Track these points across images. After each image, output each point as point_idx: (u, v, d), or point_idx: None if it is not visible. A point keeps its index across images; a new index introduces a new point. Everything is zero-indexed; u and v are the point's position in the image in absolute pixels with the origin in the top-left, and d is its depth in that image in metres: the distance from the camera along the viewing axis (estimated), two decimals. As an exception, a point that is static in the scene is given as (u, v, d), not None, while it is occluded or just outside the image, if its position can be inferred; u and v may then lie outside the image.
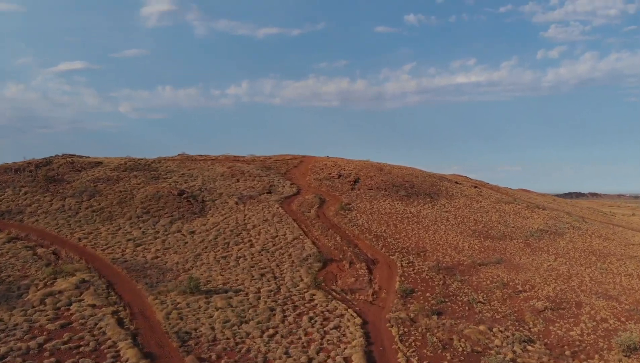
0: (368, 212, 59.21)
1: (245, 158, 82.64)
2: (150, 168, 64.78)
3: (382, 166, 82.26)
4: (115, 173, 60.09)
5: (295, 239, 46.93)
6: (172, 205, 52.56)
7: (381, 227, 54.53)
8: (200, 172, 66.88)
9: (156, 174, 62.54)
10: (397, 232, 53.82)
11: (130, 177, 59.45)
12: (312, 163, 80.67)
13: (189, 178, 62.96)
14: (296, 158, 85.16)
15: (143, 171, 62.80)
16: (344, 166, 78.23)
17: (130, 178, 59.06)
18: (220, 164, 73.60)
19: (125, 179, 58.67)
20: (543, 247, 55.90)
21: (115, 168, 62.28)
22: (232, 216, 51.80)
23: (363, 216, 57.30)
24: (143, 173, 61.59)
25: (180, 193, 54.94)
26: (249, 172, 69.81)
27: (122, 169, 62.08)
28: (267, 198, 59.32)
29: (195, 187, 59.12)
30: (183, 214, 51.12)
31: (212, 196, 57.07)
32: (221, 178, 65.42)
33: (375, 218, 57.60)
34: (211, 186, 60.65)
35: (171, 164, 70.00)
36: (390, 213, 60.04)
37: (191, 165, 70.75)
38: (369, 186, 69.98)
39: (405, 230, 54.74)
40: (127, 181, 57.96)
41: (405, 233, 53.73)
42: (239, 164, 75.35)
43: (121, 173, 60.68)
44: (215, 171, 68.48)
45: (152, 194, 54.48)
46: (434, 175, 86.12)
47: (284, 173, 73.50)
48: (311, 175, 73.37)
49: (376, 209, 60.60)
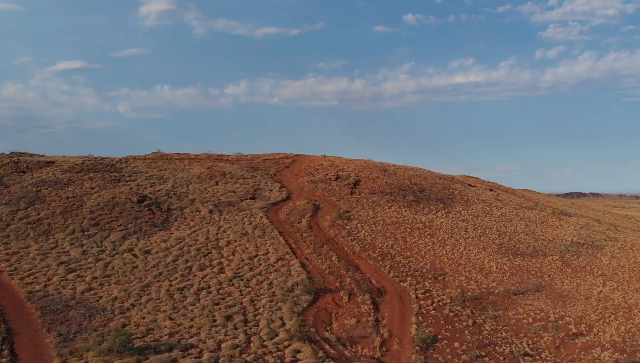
0: (371, 222, 49.15)
1: (230, 156, 72.45)
2: (112, 169, 54.62)
3: (385, 166, 72.14)
4: (67, 175, 49.93)
5: (279, 260, 36.86)
6: (128, 215, 42.43)
7: (387, 241, 44.45)
8: (173, 173, 56.75)
9: (118, 176, 52.38)
10: (407, 248, 43.76)
11: (85, 180, 49.29)
12: (306, 163, 70.56)
13: (158, 181, 52.85)
14: (288, 156, 75.02)
15: (102, 172, 52.64)
16: (342, 167, 68.13)
17: (84, 181, 48.90)
18: (199, 164, 63.46)
19: (77, 182, 48.50)
20: (584, 266, 45.86)
21: (68, 168, 52.13)
22: (202, 230, 41.68)
23: (365, 227, 47.25)
24: (101, 175, 51.44)
25: (141, 200, 44.80)
26: (232, 173, 59.70)
27: (76, 170, 51.92)
28: (249, 205, 49.23)
29: (162, 192, 48.98)
30: (141, 226, 40.99)
31: (181, 203, 46.94)
32: (197, 180, 55.29)
33: (380, 229, 47.52)
34: (182, 191, 50.53)
35: (140, 164, 59.84)
36: (398, 223, 49.97)
37: (164, 165, 60.61)
38: (371, 189, 59.89)
39: (417, 245, 44.67)
40: (79, 185, 47.80)
41: (418, 249, 43.67)
42: (221, 164, 65.22)
43: (74, 174, 50.52)
44: (190, 172, 58.34)
45: (107, 201, 44.34)
46: (444, 176, 76.02)
47: (273, 174, 63.39)
48: (304, 177, 63.28)
49: (380, 219, 50.53)
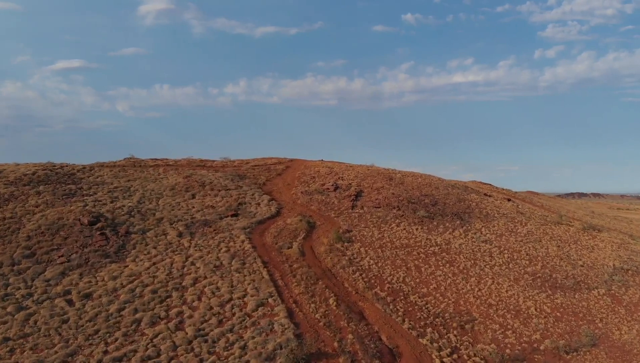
0: (376, 245, 40.70)
1: (215, 162, 63.96)
2: (69, 180, 46.10)
3: (391, 173, 63.63)
4: (10, 189, 41.40)
5: (260, 306, 28.37)
6: (74, 242, 33.96)
7: (398, 273, 36.02)
8: (143, 184, 48.25)
9: (73, 189, 43.86)
10: (422, 282, 35.30)
11: (30, 195, 40.77)
12: (301, 169, 62.08)
13: (122, 195, 44.34)
14: (281, 161, 66.55)
15: (55, 184, 44.11)
16: (341, 174, 59.65)
17: (29, 197, 40.39)
18: (176, 172, 54.97)
19: (20, 198, 39.99)
20: (638, 302, 37.42)
21: (15, 180, 43.60)
22: (165, 261, 33.18)
23: (370, 253, 38.80)
24: (53, 188, 42.91)
25: (94, 221, 36.29)
26: (213, 183, 51.22)
27: (24, 182, 43.40)
28: (230, 225, 40.76)
29: (124, 209, 40.46)
30: (87, 257, 32.52)
31: (144, 224, 38.44)
32: (170, 192, 46.80)
33: (388, 255, 39.06)
34: (149, 207, 42.03)
35: (107, 173, 51.35)
36: (409, 246, 41.50)
37: (134, 174, 52.11)
38: (375, 202, 51.41)
39: (434, 277, 36.22)
40: (21, 202, 39.30)
41: (436, 284, 35.22)
42: (202, 171, 56.75)
43: (20, 187, 42.00)
44: (164, 182, 49.83)
45: (50, 223, 35.87)
46: (457, 185, 67.48)
47: (262, 184, 54.90)
48: (299, 186, 54.80)
49: (388, 240, 42.06)
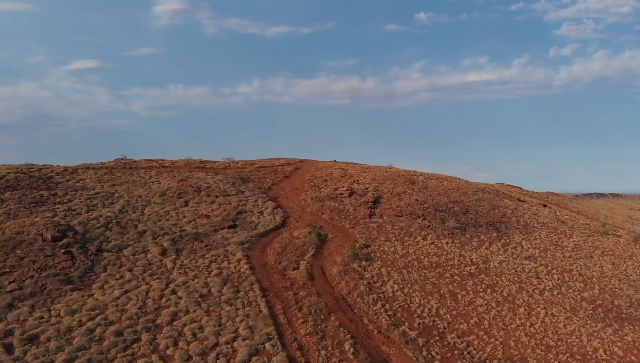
0: (401, 264, 33.89)
1: (216, 164, 57.55)
2: (44, 185, 39.94)
3: (412, 175, 56.64)
4: (-31, 195, 35.35)
5: (253, 355, 21.72)
6: (32, 263, 27.63)
7: (430, 302, 29.17)
8: (129, 190, 41.94)
9: (46, 195, 37.66)
10: (460, 314, 28.39)
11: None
12: (311, 172, 55.44)
13: (103, 202, 38.05)
14: (290, 163, 59.96)
15: (25, 189, 37.96)
16: (357, 177, 52.89)
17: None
18: (171, 175, 48.62)
19: (-22, 206, 33.87)
20: None
21: (-22, 184, 37.55)
22: (141, 287, 26.67)
23: (393, 275, 32.02)
24: (21, 194, 36.74)
25: (59, 236, 29.92)
26: (210, 188, 44.77)
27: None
28: (225, 239, 34.25)
29: (101, 220, 34.10)
30: (44, 284, 26.16)
31: (122, 239, 32.02)
32: (159, 199, 40.42)
33: (416, 277, 32.23)
34: (132, 217, 35.64)
35: (91, 176, 45.16)
36: (440, 265, 34.61)
37: (122, 177, 45.87)
38: (396, 210, 44.54)
39: (475, 308, 29.28)
40: (-22, 211, 33.18)
41: (478, 318, 28.28)
42: (200, 174, 50.35)
43: (-20, 194, 35.93)
44: (154, 187, 43.49)
45: (7, 239, 29.58)
46: (486, 189, 60.21)
47: (267, 188, 48.34)
48: (309, 191, 48.15)
49: (414, 258, 35.22)
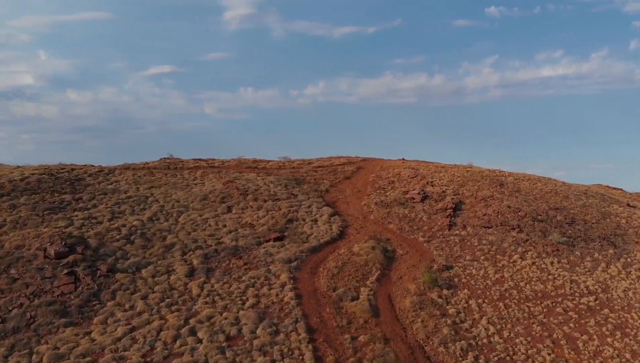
0: (495, 294, 25.78)
1: (269, 163, 51.43)
2: (68, 188, 35.22)
3: (499, 176, 47.62)
4: (-17, 200, 31.00)
5: None
6: (25, 287, 22.27)
7: (541, 354, 21.01)
8: (167, 193, 36.50)
9: (67, 199, 32.79)
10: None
11: (2, 208, 30.01)
12: (376, 171, 48.01)
13: (132, 208, 32.71)
14: (352, 161, 52.82)
15: (45, 193, 33.29)
16: (430, 177, 44.81)
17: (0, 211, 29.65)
18: (217, 176, 42.92)
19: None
20: None
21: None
22: (152, 324, 20.47)
23: (486, 310, 24.06)
24: (40, 199, 32.03)
25: (64, 253, 24.48)
26: (259, 190, 38.52)
27: (5, 190, 32.90)
28: (269, 255, 27.65)
29: (122, 231, 28.55)
30: (34, 315, 20.60)
31: (144, 255, 26.20)
32: (199, 204, 34.61)
33: (518, 315, 24.04)
34: (162, 227, 29.89)
35: (128, 177, 40.31)
36: (547, 295, 26.13)
37: (162, 179, 40.68)
38: (483, 219, 36.17)
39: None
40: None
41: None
42: (250, 175, 44.32)
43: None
44: (196, 190, 37.83)
45: (4, 254, 24.54)
46: (588, 191, 49.89)
47: (324, 191, 41.48)
48: (372, 195, 40.81)
49: (512, 285, 26.94)
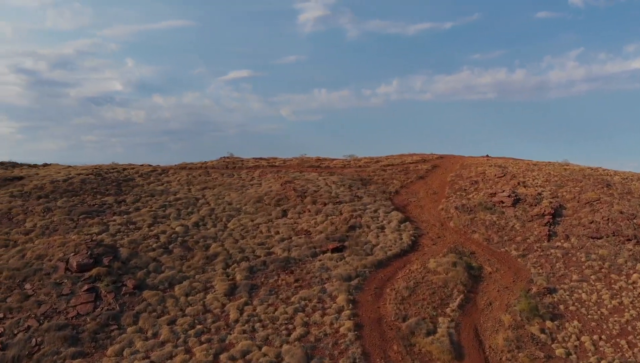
0: (614, 329, 19.64)
1: (334, 162, 46.96)
2: (112, 189, 32.76)
3: (602, 175, 40.03)
4: (16, 202, 28.92)
5: None
6: (38, 305, 19.26)
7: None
8: (219, 195, 33.12)
9: (109, 202, 30.14)
10: None
11: (36, 212, 27.72)
12: (455, 170, 42.14)
13: (179, 211, 29.51)
14: (426, 159, 47.18)
15: (86, 195, 30.90)
16: (522, 176, 38.28)
17: (33, 214, 27.39)
18: (276, 176, 39.12)
19: (19, 217, 27.11)
20: None
21: (32, 189, 31.27)
22: (174, 359, 16.58)
23: (606, 353, 18.07)
24: (79, 201, 29.60)
25: (86, 265, 21.30)
26: (319, 192, 34.16)
27: (44, 191, 30.85)
28: (325, 269, 23.13)
29: (162, 238, 25.17)
30: (40, 341, 17.39)
31: (180, 268, 22.54)
32: (252, 207, 30.81)
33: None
34: (207, 233, 26.26)
35: (182, 177, 37.51)
36: (690, 332, 19.50)
37: (217, 179, 37.51)
38: (590, 227, 29.46)
39: None
40: (16, 224, 26.33)
41: None
42: (312, 175, 40.12)
43: (31, 200, 29.40)
44: (251, 191, 34.17)
45: (24, 264, 21.83)
46: None
47: (393, 193, 36.39)
48: (451, 197, 35.17)
49: (635, 315, 20.56)
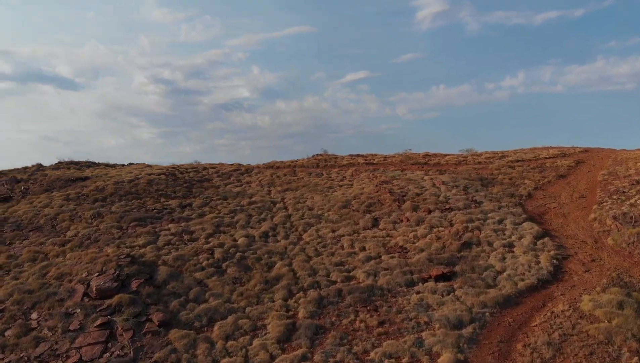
0: None
1: (446, 158, 39.03)
2: (182, 191, 28.43)
3: None
4: (68, 206, 25.48)
5: None
6: (35, 345, 14.59)
7: None
8: (300, 198, 27.37)
9: (172, 206, 25.66)
10: None
11: (84, 218, 23.94)
12: (607, 166, 32.29)
13: (248, 218, 24.20)
14: (566, 153, 37.47)
15: (149, 197, 26.76)
16: None
17: (80, 220, 23.61)
18: (371, 175, 32.50)
19: (63, 224, 23.49)
20: None
21: (94, 190, 27.84)
22: None
23: None
24: (138, 204, 25.46)
25: (109, 291, 16.42)
26: (423, 195, 26.85)
27: (109, 191, 27.23)
28: (424, 307, 15.98)
29: (217, 253, 19.79)
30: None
31: (229, 296, 16.82)
32: (337, 214, 24.53)
33: None
34: (275, 247, 20.44)
35: (265, 177, 32.51)
36: None
37: (302, 179, 31.98)
38: None
39: None
40: (56, 232, 22.64)
41: None
42: (415, 173, 32.86)
43: (85, 204, 25.82)
44: (338, 194, 27.95)
45: (37, 287, 17.56)
46: None
47: (525, 196, 27.83)
48: (607, 203, 25.81)
49: None
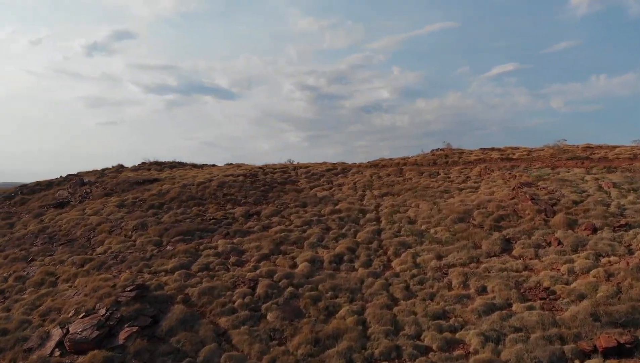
0: None
1: (617, 149, 28.87)
2: (256, 195, 23.32)
3: None
4: (125, 210, 21.60)
5: None
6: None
7: None
8: (401, 205, 20.65)
9: (235, 215, 20.56)
10: None
11: (140, 223, 19.75)
12: None
13: (326, 232, 18.27)
14: None
15: (213, 203, 22.01)
16: None
17: (134, 231, 19.46)
18: (505, 174, 24.34)
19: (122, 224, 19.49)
20: None
21: (160, 192, 23.75)
22: None
23: None
24: (198, 211, 20.80)
25: (83, 342, 11.38)
26: (584, 204, 18.31)
27: (184, 197, 23.04)
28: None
29: (263, 285, 14.01)
30: None
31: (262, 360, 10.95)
32: (449, 230, 17.40)
33: None
34: (348, 280, 14.13)
35: (363, 177, 26.30)
36: None
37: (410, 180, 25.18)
38: None
39: None
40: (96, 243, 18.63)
41: None
42: (573, 172, 23.85)
43: (147, 210, 21.77)
44: (454, 202, 20.63)
45: (13, 329, 13.33)
46: None
47: None
48: None
49: None
